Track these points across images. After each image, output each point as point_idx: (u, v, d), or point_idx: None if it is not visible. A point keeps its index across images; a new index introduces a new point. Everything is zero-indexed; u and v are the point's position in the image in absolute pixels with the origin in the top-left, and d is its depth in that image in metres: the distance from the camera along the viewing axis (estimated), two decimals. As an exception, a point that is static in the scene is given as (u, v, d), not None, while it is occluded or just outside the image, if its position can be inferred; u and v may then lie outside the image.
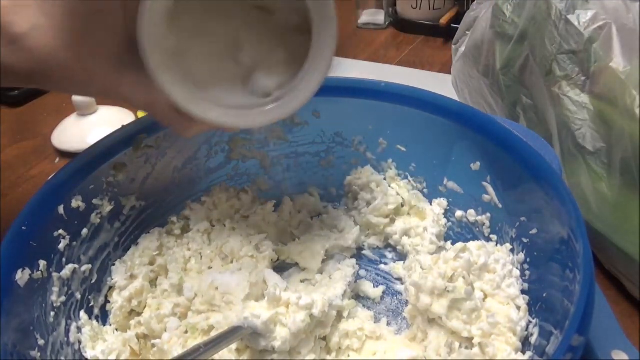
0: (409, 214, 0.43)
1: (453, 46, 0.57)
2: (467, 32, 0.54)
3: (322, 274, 0.39)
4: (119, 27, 0.27)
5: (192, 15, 0.30)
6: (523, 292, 0.33)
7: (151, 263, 0.39)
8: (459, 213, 0.41)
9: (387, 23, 0.81)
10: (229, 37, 0.31)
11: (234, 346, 0.32)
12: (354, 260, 0.40)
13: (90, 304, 0.36)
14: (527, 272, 0.34)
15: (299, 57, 0.30)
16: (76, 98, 0.57)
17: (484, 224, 0.39)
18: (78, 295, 0.35)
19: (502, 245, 0.36)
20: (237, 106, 0.30)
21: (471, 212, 0.40)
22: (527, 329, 0.31)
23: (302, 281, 0.37)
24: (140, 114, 0.61)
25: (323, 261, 0.40)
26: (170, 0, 0.27)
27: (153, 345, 0.34)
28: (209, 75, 0.31)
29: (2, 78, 0.29)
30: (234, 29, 0.31)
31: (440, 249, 0.40)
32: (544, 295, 0.31)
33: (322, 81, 0.30)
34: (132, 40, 0.27)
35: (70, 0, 0.26)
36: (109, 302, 0.37)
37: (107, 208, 0.37)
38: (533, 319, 0.31)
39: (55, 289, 0.33)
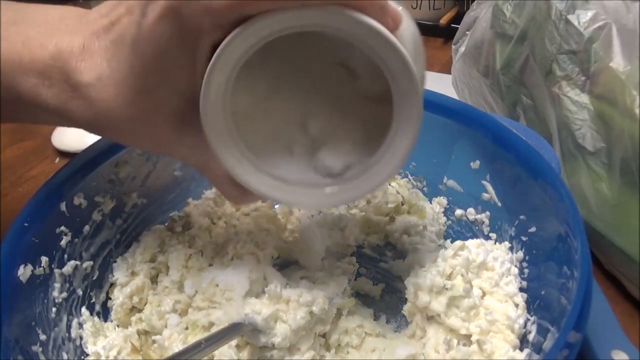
0: (408, 212, 0.43)
1: (453, 46, 0.57)
2: (467, 32, 0.54)
3: (322, 271, 0.39)
4: (183, 87, 0.26)
5: (263, 78, 0.27)
6: (521, 289, 0.34)
7: (152, 260, 0.39)
8: (458, 211, 0.41)
9: (388, 23, 0.81)
10: (299, 104, 0.28)
11: (234, 342, 0.33)
12: (353, 258, 0.40)
13: (92, 300, 0.36)
14: (526, 270, 0.34)
15: (373, 136, 0.27)
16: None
17: (483, 222, 0.39)
18: (79, 292, 0.35)
19: (501, 243, 0.37)
20: (298, 182, 0.28)
21: (471, 210, 0.40)
22: (525, 327, 0.32)
23: (302, 278, 0.37)
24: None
25: (323, 259, 0.40)
26: (239, 66, 0.24)
27: (154, 342, 0.34)
28: (273, 145, 0.28)
29: (59, 121, 0.29)
30: (307, 94, 0.28)
31: (439, 247, 0.40)
32: (542, 292, 0.31)
33: (397, 169, 0.27)
34: (194, 103, 0.25)
35: (138, 56, 0.25)
36: (110, 298, 0.37)
37: (109, 205, 0.37)
38: (531, 316, 0.32)
39: (57, 285, 0.33)
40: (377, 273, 0.41)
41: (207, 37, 0.23)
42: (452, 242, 0.38)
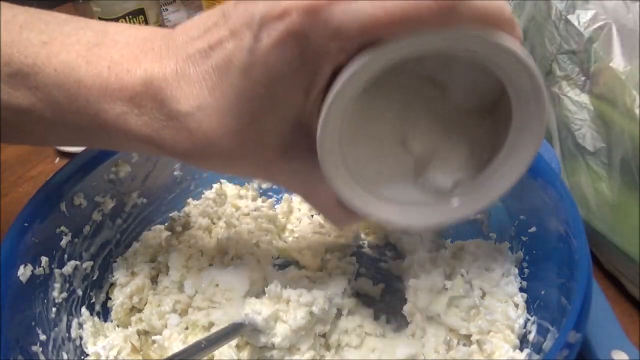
0: (408, 212, 0.43)
1: (454, 46, 0.57)
2: (467, 32, 0.54)
3: (322, 271, 0.39)
4: (293, 113, 0.24)
5: (366, 100, 0.26)
6: (521, 289, 0.34)
7: (152, 260, 0.39)
8: (458, 212, 0.41)
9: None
10: (396, 125, 0.27)
11: (234, 342, 0.33)
12: (353, 258, 0.40)
13: (92, 300, 0.36)
14: (526, 270, 0.34)
15: (482, 147, 0.26)
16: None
17: (483, 222, 0.39)
18: (79, 292, 0.35)
19: (501, 243, 0.37)
20: (409, 202, 0.27)
21: (470, 210, 0.40)
22: (525, 327, 0.32)
23: (301, 278, 0.37)
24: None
25: (323, 259, 0.40)
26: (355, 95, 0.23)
27: (154, 342, 0.35)
28: (378, 168, 0.27)
29: (147, 149, 0.27)
30: (402, 111, 0.27)
31: (439, 247, 0.40)
32: (542, 292, 0.31)
33: (518, 179, 0.25)
34: (301, 128, 0.24)
35: (249, 83, 0.23)
36: (110, 298, 0.37)
37: (109, 205, 0.37)
38: (531, 316, 0.32)
39: (57, 285, 0.33)
40: (377, 273, 0.41)
41: (331, 61, 0.21)
42: (452, 242, 0.38)
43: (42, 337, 0.30)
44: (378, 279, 0.41)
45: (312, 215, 0.44)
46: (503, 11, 0.21)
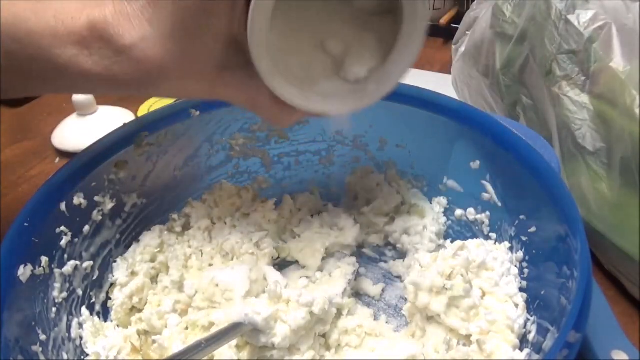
0: (408, 212, 0.43)
1: (453, 46, 0.57)
2: (467, 32, 0.54)
3: (322, 271, 0.39)
4: (224, 30, 0.27)
5: (284, 14, 0.30)
6: (521, 289, 0.34)
7: (152, 260, 0.39)
8: (458, 211, 0.41)
9: (388, 23, 0.82)
10: (316, 29, 0.32)
11: (234, 342, 0.33)
12: (353, 258, 0.40)
13: (92, 300, 0.36)
14: (526, 270, 0.34)
15: (387, 39, 0.31)
16: (76, 98, 0.57)
17: (483, 223, 0.39)
18: (79, 292, 0.35)
19: (501, 243, 0.37)
20: (334, 94, 0.32)
21: (471, 210, 0.40)
22: (525, 327, 0.32)
23: (301, 278, 0.37)
24: (141, 113, 0.61)
25: (323, 259, 0.40)
26: (274, 1, 0.27)
27: (154, 342, 0.34)
28: (306, 68, 0.31)
29: (102, 87, 0.30)
30: (320, 19, 0.32)
31: (439, 247, 0.40)
32: (542, 292, 0.31)
33: (414, 59, 0.31)
34: (233, 42, 0.28)
35: (181, 9, 0.26)
36: (110, 298, 0.37)
37: (109, 205, 0.37)
38: (531, 316, 0.32)
39: (57, 285, 0.33)
40: (377, 273, 0.41)
41: None
42: (452, 242, 0.38)
43: (42, 337, 0.30)
44: (378, 279, 0.41)
45: (312, 216, 0.44)
46: None
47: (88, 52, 0.28)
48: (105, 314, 0.37)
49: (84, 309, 0.35)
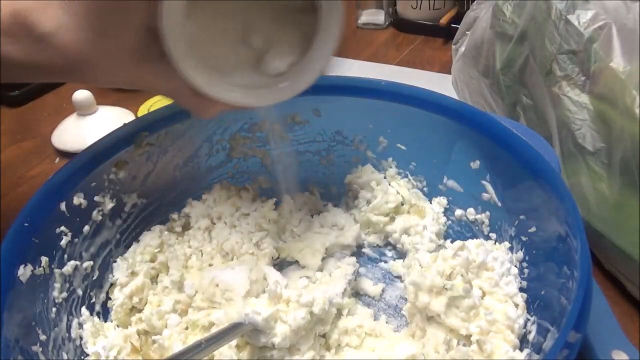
0: (408, 212, 0.43)
1: (453, 46, 0.57)
2: (467, 32, 0.54)
3: (322, 271, 0.39)
4: (139, 21, 0.28)
5: (207, 4, 0.31)
6: (521, 289, 0.34)
7: (152, 260, 0.39)
8: (458, 211, 0.41)
9: (387, 23, 0.82)
10: (240, 23, 0.32)
11: (234, 342, 0.33)
12: (353, 258, 0.40)
13: (92, 300, 0.36)
14: (526, 270, 0.34)
15: (307, 36, 0.31)
16: (76, 98, 0.57)
17: (483, 223, 0.39)
18: (79, 292, 0.35)
19: (501, 243, 0.37)
20: (253, 86, 0.32)
21: (470, 210, 0.40)
22: (525, 327, 0.32)
23: (301, 278, 0.37)
24: (141, 113, 0.61)
25: (323, 259, 0.40)
26: None
27: (154, 342, 0.34)
28: (226, 60, 0.32)
29: (28, 75, 0.30)
30: (244, 14, 0.32)
31: (439, 247, 0.40)
32: (542, 292, 0.31)
33: (330, 58, 0.31)
34: (151, 33, 0.28)
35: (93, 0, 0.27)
36: (110, 298, 0.37)
37: (109, 205, 0.37)
38: (531, 316, 0.32)
39: (57, 285, 0.33)
40: (377, 273, 0.41)
41: None
42: (452, 242, 0.38)
43: (42, 337, 0.30)
44: (378, 279, 0.41)
45: (312, 216, 0.44)
46: None
47: (13, 39, 0.29)
48: (105, 314, 0.37)
49: (84, 309, 0.35)
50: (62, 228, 0.34)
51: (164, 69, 0.30)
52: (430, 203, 0.43)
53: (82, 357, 0.33)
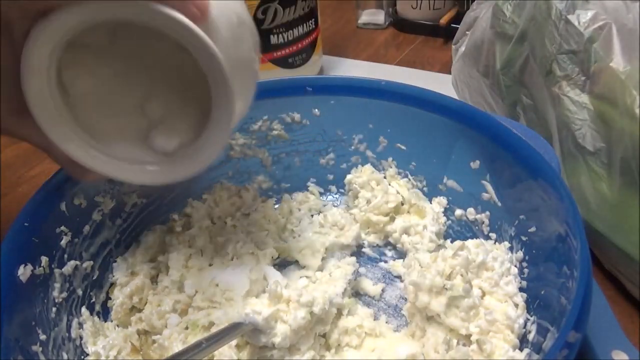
0: (408, 212, 0.43)
1: (453, 46, 0.57)
2: (467, 32, 0.54)
3: (322, 271, 0.39)
4: (9, 73, 0.26)
5: (110, 60, 0.29)
6: (521, 289, 0.34)
7: (152, 260, 0.39)
8: (458, 211, 0.41)
9: (387, 23, 0.82)
10: (141, 86, 0.30)
11: (234, 342, 0.33)
12: (353, 258, 0.40)
13: (92, 300, 0.36)
14: (526, 270, 0.34)
15: (207, 114, 0.28)
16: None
17: (483, 222, 0.39)
18: (79, 292, 0.35)
19: (500, 243, 0.37)
20: (132, 160, 0.29)
21: (470, 210, 0.40)
22: (524, 326, 0.32)
23: (301, 278, 0.37)
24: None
25: (323, 259, 0.40)
26: (64, 46, 0.25)
27: (154, 341, 0.35)
28: (108, 126, 0.30)
29: None
30: (150, 76, 0.30)
31: (439, 247, 0.40)
32: (542, 292, 0.31)
33: (212, 158, 0.28)
34: None
35: None
36: (110, 298, 0.37)
37: (109, 205, 0.37)
38: (531, 316, 0.32)
39: (57, 285, 0.33)
40: (377, 273, 0.41)
41: (18, 25, 0.24)
42: (452, 242, 0.39)
43: (42, 337, 0.30)
44: (378, 279, 0.41)
45: (312, 215, 0.44)
46: None
47: None
48: (105, 314, 0.37)
49: (84, 309, 0.35)
50: (62, 228, 0.34)
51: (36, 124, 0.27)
52: (430, 203, 0.43)
53: (82, 357, 0.33)
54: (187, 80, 0.30)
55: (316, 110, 0.43)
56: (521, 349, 0.31)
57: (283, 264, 0.41)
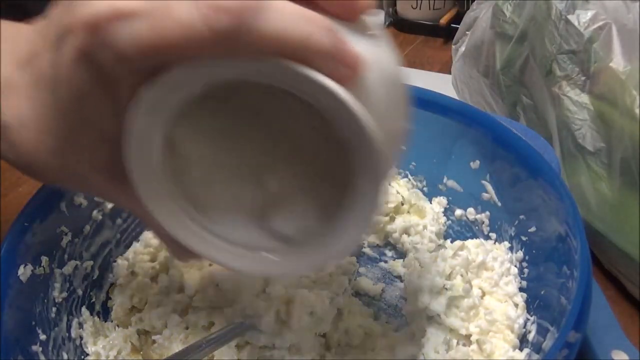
0: (408, 212, 0.43)
1: (453, 46, 0.57)
2: (467, 32, 0.54)
3: (322, 271, 0.39)
4: (111, 134, 0.22)
5: (219, 122, 0.23)
6: (521, 289, 0.34)
7: (152, 260, 0.39)
8: (458, 211, 0.41)
9: (387, 23, 0.82)
10: (257, 154, 0.24)
11: (234, 342, 0.33)
12: (354, 258, 0.40)
13: (92, 300, 0.36)
14: (526, 270, 0.34)
15: (339, 199, 0.22)
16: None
17: (483, 222, 0.39)
18: (80, 292, 0.35)
19: (500, 243, 0.37)
20: (244, 244, 0.23)
21: (470, 210, 0.40)
22: (524, 326, 0.32)
23: (301, 278, 0.37)
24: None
25: (323, 259, 0.40)
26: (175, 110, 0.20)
27: (154, 341, 0.35)
28: (218, 198, 0.24)
29: None
30: (268, 142, 0.24)
31: (439, 247, 0.40)
32: (542, 292, 0.31)
33: (349, 250, 0.22)
34: None
35: (58, 100, 0.21)
36: (110, 298, 0.37)
37: (109, 205, 0.37)
38: (531, 316, 0.32)
39: (57, 285, 0.33)
40: (377, 273, 0.41)
41: (127, 82, 0.20)
42: (452, 242, 0.38)
43: (42, 336, 0.30)
44: (378, 279, 0.41)
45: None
46: (308, 36, 0.18)
47: None
48: (105, 314, 0.37)
49: (84, 309, 0.35)
50: (63, 228, 0.34)
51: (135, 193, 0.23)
52: (430, 203, 0.43)
53: (82, 357, 0.33)
54: (312, 150, 0.24)
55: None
56: (521, 349, 0.31)
57: (283, 264, 0.41)
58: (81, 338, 0.34)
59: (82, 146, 0.22)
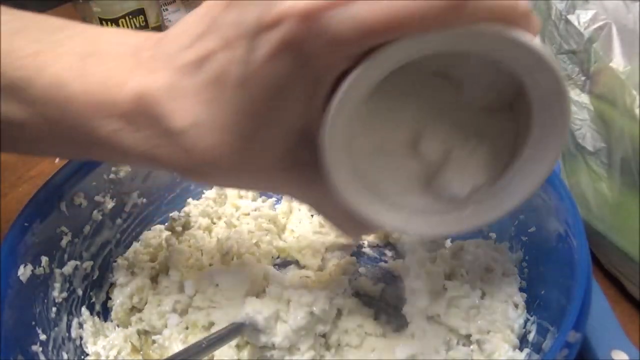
0: (408, 212, 0.43)
1: (454, 46, 0.57)
2: (467, 32, 0.54)
3: (322, 271, 0.39)
4: (296, 124, 0.22)
5: (372, 107, 0.24)
6: (521, 289, 0.34)
7: (152, 260, 0.39)
8: (458, 212, 0.41)
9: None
10: (409, 127, 0.25)
11: (234, 342, 0.33)
12: (353, 258, 0.40)
13: (92, 300, 0.36)
14: (526, 270, 0.34)
15: (499, 148, 0.24)
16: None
17: (483, 222, 0.39)
18: (80, 292, 0.35)
19: (500, 243, 0.37)
20: (421, 210, 0.25)
21: (470, 210, 0.40)
22: (524, 327, 0.32)
23: (301, 278, 0.37)
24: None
25: (323, 259, 0.40)
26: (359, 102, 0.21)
27: (154, 342, 0.35)
28: (389, 175, 0.25)
29: (147, 164, 0.25)
30: (415, 117, 0.25)
31: (439, 247, 0.40)
32: (542, 292, 0.31)
33: (542, 182, 0.23)
34: (304, 137, 0.23)
35: (247, 98, 0.21)
36: (110, 298, 0.37)
37: (109, 205, 0.37)
38: (531, 316, 0.32)
39: (57, 285, 0.33)
40: (377, 273, 0.41)
41: (333, 70, 0.20)
42: (452, 242, 0.38)
43: (42, 336, 0.30)
44: (378, 279, 0.41)
45: (312, 215, 0.44)
46: (516, 5, 0.19)
47: (133, 127, 0.23)
48: (105, 314, 0.37)
49: (84, 309, 0.35)
50: (62, 228, 0.34)
51: (309, 180, 0.24)
52: (430, 203, 0.43)
53: (82, 357, 0.33)
54: (455, 113, 0.25)
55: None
56: (521, 349, 0.31)
57: (283, 264, 0.41)
58: (81, 338, 0.34)
59: (267, 140, 0.23)
